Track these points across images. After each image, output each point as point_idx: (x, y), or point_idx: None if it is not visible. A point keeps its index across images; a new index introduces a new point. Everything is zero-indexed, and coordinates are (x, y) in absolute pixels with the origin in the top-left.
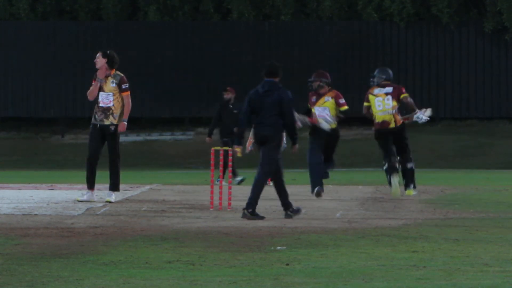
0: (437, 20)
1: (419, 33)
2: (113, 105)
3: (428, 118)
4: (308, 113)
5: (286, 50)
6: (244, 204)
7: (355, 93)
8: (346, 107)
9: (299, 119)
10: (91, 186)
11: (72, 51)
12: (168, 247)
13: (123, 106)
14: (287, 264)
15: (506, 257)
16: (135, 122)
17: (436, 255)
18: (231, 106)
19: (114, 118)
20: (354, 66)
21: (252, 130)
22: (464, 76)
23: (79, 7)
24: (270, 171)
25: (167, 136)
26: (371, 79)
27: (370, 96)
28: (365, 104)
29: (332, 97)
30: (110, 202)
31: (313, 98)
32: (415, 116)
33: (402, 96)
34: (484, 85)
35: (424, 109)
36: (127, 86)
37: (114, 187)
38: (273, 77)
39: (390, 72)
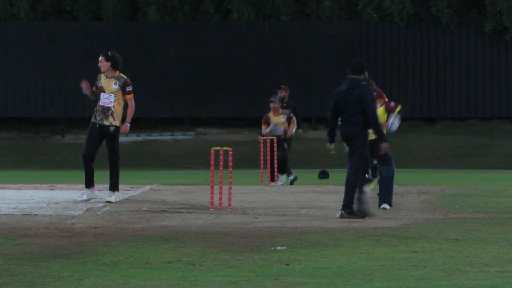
0: (437, 20)
1: (419, 33)
2: (113, 106)
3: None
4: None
5: (286, 50)
6: (243, 204)
7: None
8: (399, 108)
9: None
10: (90, 184)
11: (72, 51)
12: (168, 247)
13: (124, 108)
14: (287, 264)
15: (506, 257)
16: (135, 122)
17: (436, 255)
18: (285, 104)
19: (114, 119)
20: None
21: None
22: (464, 76)
23: (79, 7)
24: (359, 169)
25: (167, 136)
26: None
27: None
28: None
29: (381, 105)
30: (110, 202)
31: None
32: None
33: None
34: (484, 85)
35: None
36: (131, 89)
37: (114, 187)
38: (357, 75)
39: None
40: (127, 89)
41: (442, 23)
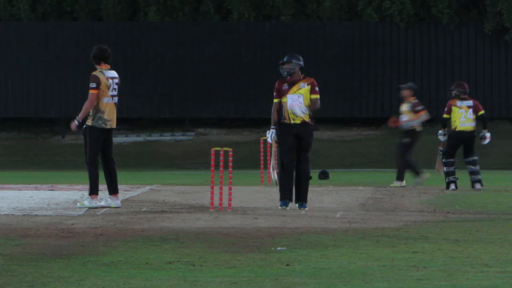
0: (437, 21)
1: (419, 33)
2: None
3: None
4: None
5: (286, 50)
6: (244, 204)
7: (355, 94)
8: (483, 111)
9: None
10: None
11: (72, 51)
12: (169, 247)
13: (96, 105)
14: (287, 265)
15: (506, 257)
16: (135, 123)
17: (436, 255)
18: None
19: (89, 119)
20: (354, 66)
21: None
22: (464, 77)
23: (79, 8)
24: None
25: (167, 137)
26: (449, 91)
27: (454, 108)
28: (446, 116)
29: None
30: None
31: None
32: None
33: (480, 113)
34: (484, 85)
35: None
36: (94, 85)
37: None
38: None
39: (467, 86)
40: (90, 86)
41: (442, 23)
